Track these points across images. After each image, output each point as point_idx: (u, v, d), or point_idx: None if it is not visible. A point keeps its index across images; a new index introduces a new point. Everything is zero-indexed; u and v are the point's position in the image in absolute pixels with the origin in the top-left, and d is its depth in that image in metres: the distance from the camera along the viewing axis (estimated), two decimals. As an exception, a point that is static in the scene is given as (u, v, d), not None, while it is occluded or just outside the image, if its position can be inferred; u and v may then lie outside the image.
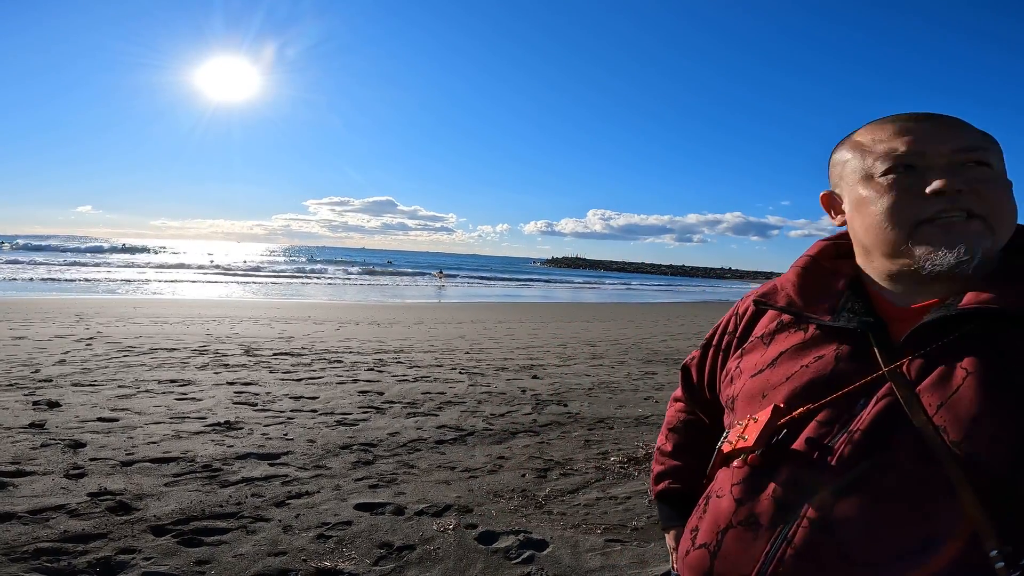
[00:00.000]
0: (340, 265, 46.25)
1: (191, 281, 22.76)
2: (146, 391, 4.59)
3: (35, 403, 4.02)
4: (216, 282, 23.16)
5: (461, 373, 6.03)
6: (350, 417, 4.17)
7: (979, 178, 0.68)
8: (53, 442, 3.27)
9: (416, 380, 5.57)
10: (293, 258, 70.90)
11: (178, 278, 23.98)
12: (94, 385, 4.66)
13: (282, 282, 26.06)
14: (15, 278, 19.51)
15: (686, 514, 0.85)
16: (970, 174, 0.68)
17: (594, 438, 4.01)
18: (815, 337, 0.75)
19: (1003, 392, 0.61)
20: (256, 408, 4.28)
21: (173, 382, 4.93)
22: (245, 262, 43.66)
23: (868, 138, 0.74)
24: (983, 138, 0.71)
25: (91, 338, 7.00)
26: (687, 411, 1.03)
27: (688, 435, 1.01)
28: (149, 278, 23.09)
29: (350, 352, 7.02)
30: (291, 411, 4.24)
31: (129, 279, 21.91)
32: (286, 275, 31.19)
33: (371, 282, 29.99)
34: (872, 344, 0.70)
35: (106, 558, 2.15)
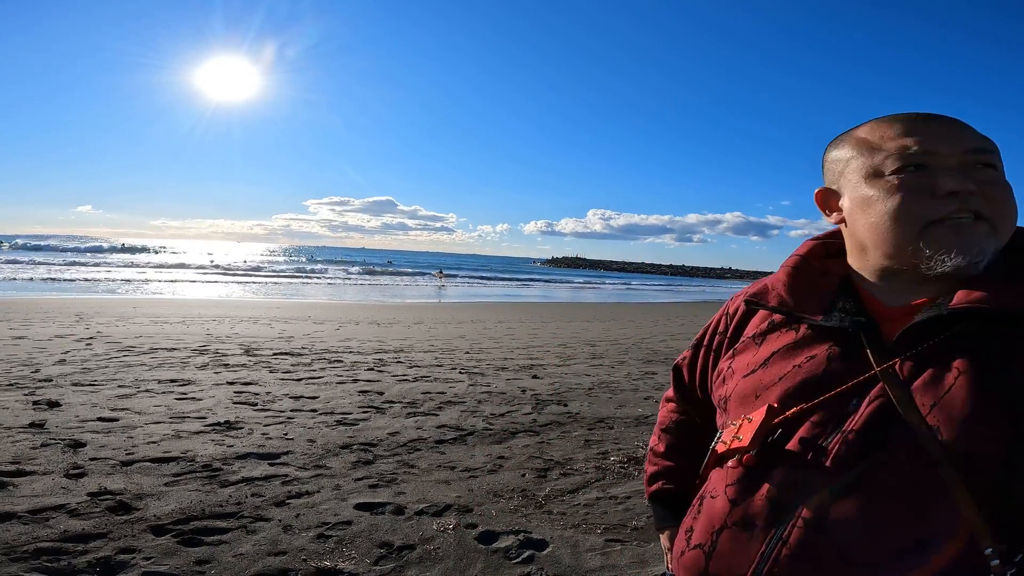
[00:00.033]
0: (340, 265, 46.26)
1: (191, 281, 22.76)
2: (146, 391, 4.59)
3: (35, 403, 4.02)
4: (216, 282, 23.16)
5: (461, 373, 6.04)
6: (350, 417, 4.17)
7: (988, 180, 0.68)
8: (53, 442, 3.27)
9: (416, 380, 5.57)
10: (293, 258, 70.91)
11: (178, 278, 23.98)
12: (94, 385, 4.66)
13: (282, 282, 26.05)
14: (15, 278, 19.51)
15: (680, 515, 0.85)
16: (979, 176, 0.68)
17: (594, 438, 4.01)
18: (807, 337, 0.75)
19: (995, 391, 0.61)
20: (256, 408, 4.28)
21: (173, 382, 4.94)
22: (245, 262, 43.66)
23: (876, 136, 0.74)
24: (988, 141, 0.72)
25: (91, 338, 7.00)
26: (679, 411, 1.03)
27: (681, 435, 1.02)
28: (149, 278, 23.09)
29: (350, 352, 7.02)
30: (291, 411, 4.24)
31: (129, 279, 21.90)
32: (286, 275, 31.18)
33: (371, 282, 29.98)
34: (864, 344, 0.70)
35: (106, 558, 2.15)
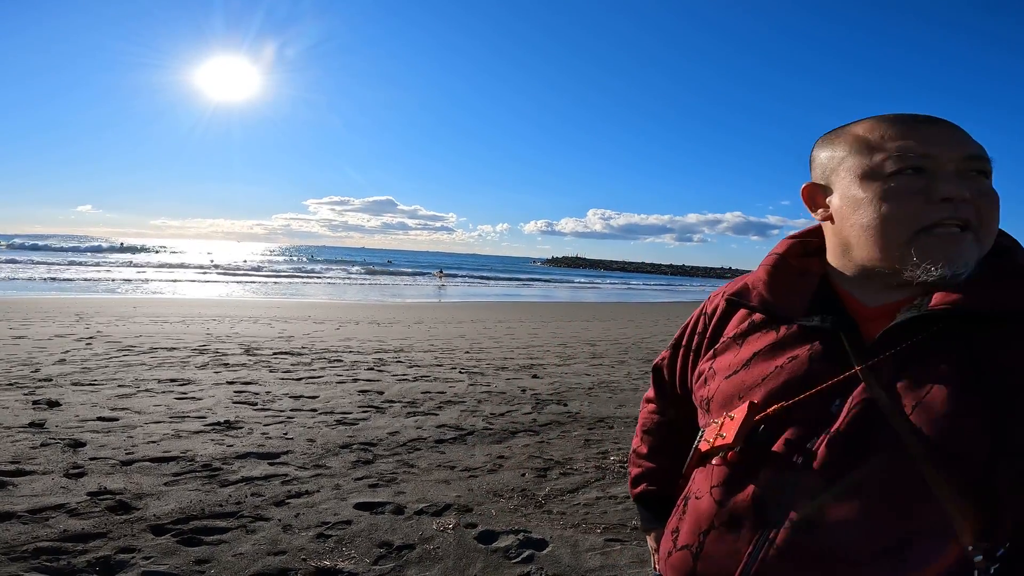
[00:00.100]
0: (340, 264, 46.26)
1: (191, 280, 22.77)
2: (146, 390, 4.59)
3: (35, 402, 4.02)
4: (216, 281, 23.16)
5: (461, 372, 6.04)
6: (350, 416, 4.17)
7: (982, 190, 0.68)
8: (53, 441, 3.27)
9: (416, 379, 5.57)
10: (293, 257, 70.89)
11: (178, 277, 23.98)
12: (94, 384, 4.66)
13: (282, 281, 26.06)
14: (15, 277, 19.52)
15: (665, 516, 0.86)
16: (974, 184, 0.68)
17: (594, 437, 4.01)
18: (788, 337, 0.75)
19: (975, 391, 0.62)
20: (256, 407, 4.28)
21: (173, 381, 4.94)
22: (245, 261, 43.67)
23: (875, 135, 0.72)
24: (984, 149, 0.71)
25: (91, 337, 7.00)
26: (660, 412, 1.03)
27: (663, 437, 1.02)
28: (149, 277, 23.10)
29: (350, 351, 7.02)
30: (291, 410, 4.24)
31: (129, 278, 21.91)
32: (286, 274, 31.19)
33: (371, 281, 29.98)
34: (845, 344, 0.70)
35: (106, 557, 2.15)
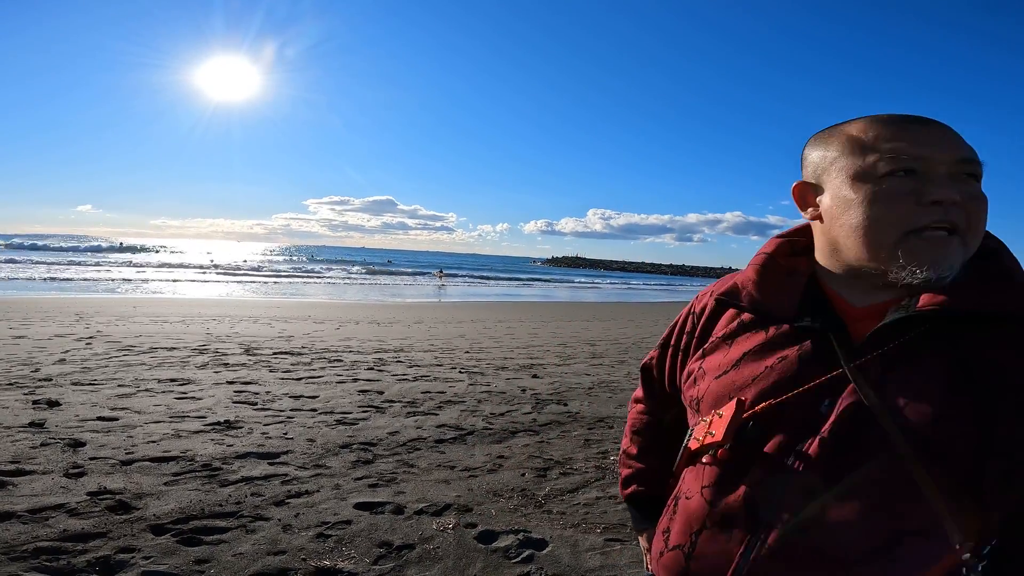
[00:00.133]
0: (340, 264, 46.26)
1: (191, 280, 22.76)
2: (146, 390, 4.59)
3: (35, 402, 4.02)
4: (216, 281, 23.17)
5: (461, 372, 6.04)
6: (350, 416, 4.17)
7: (972, 193, 0.68)
8: (53, 441, 3.27)
9: (416, 379, 5.57)
10: (293, 257, 70.89)
11: (178, 277, 23.98)
12: (94, 384, 4.66)
13: (282, 281, 26.06)
14: (15, 277, 19.51)
15: (657, 516, 0.87)
16: (965, 187, 0.68)
17: (594, 437, 4.01)
18: (777, 338, 0.75)
19: (963, 391, 0.63)
20: (256, 407, 4.28)
21: (173, 381, 4.94)
22: (245, 261, 43.69)
23: (868, 135, 0.72)
24: (975, 152, 0.71)
25: (91, 337, 7.00)
26: (649, 412, 1.03)
27: (652, 437, 1.02)
28: (149, 277, 23.09)
29: (350, 351, 7.02)
30: (291, 410, 4.24)
31: (129, 278, 21.91)
32: (286, 274, 31.19)
33: (371, 281, 29.98)
34: (834, 345, 0.71)
35: (105, 557, 2.15)
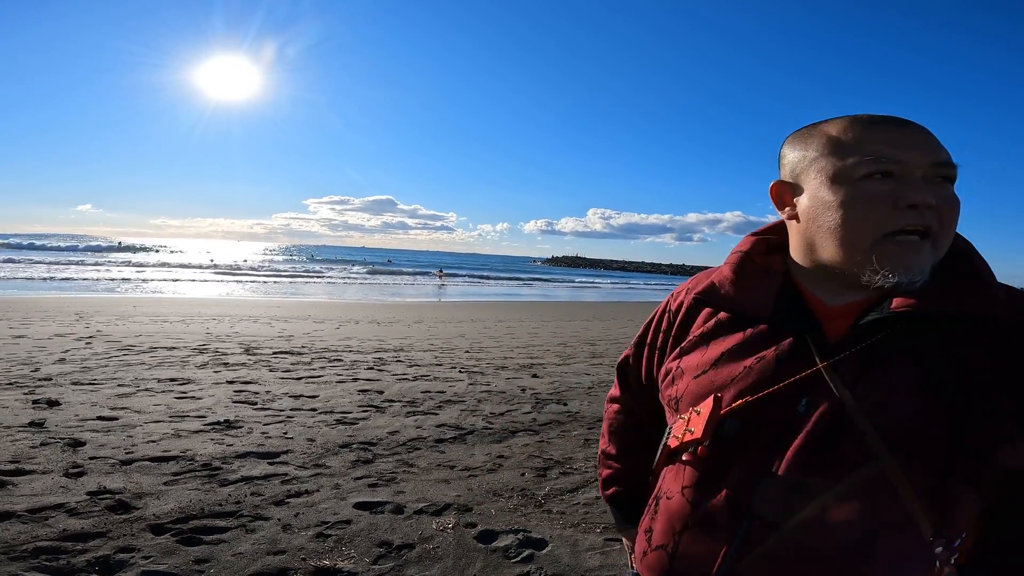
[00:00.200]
0: (340, 264, 46.28)
1: (191, 280, 22.76)
2: (146, 390, 4.59)
3: (35, 402, 4.02)
4: (216, 281, 23.16)
5: (461, 372, 6.04)
6: (350, 416, 4.17)
7: (946, 198, 0.69)
8: (53, 441, 3.27)
9: (416, 379, 5.57)
10: (293, 257, 70.88)
11: (178, 277, 23.98)
12: (94, 384, 4.66)
13: (282, 281, 26.06)
14: (14, 277, 19.51)
15: (638, 516, 0.87)
16: (940, 191, 0.68)
17: (594, 437, 4.01)
18: (754, 337, 0.76)
19: (935, 390, 0.64)
20: (256, 407, 4.28)
21: (173, 381, 4.94)
22: (245, 261, 43.67)
23: (847, 136, 0.71)
24: (950, 155, 0.71)
25: (91, 337, 7.00)
26: (626, 411, 1.03)
27: (630, 437, 1.02)
28: (149, 277, 23.09)
29: (350, 351, 7.02)
30: (291, 410, 4.24)
31: (128, 278, 21.91)
32: (286, 274, 31.19)
33: (371, 281, 29.98)
34: (810, 344, 0.71)
35: (105, 557, 2.15)
